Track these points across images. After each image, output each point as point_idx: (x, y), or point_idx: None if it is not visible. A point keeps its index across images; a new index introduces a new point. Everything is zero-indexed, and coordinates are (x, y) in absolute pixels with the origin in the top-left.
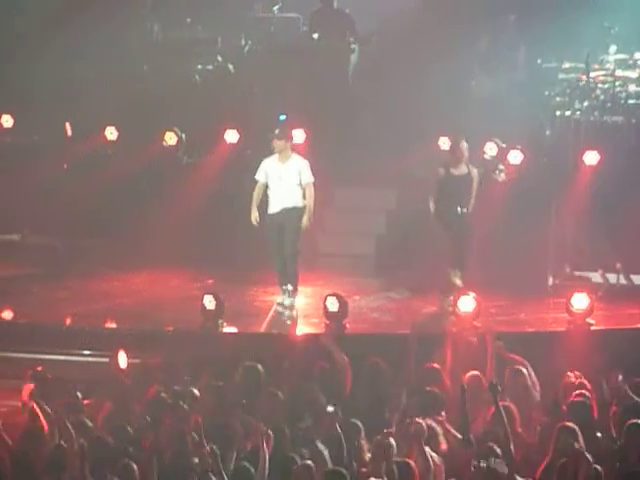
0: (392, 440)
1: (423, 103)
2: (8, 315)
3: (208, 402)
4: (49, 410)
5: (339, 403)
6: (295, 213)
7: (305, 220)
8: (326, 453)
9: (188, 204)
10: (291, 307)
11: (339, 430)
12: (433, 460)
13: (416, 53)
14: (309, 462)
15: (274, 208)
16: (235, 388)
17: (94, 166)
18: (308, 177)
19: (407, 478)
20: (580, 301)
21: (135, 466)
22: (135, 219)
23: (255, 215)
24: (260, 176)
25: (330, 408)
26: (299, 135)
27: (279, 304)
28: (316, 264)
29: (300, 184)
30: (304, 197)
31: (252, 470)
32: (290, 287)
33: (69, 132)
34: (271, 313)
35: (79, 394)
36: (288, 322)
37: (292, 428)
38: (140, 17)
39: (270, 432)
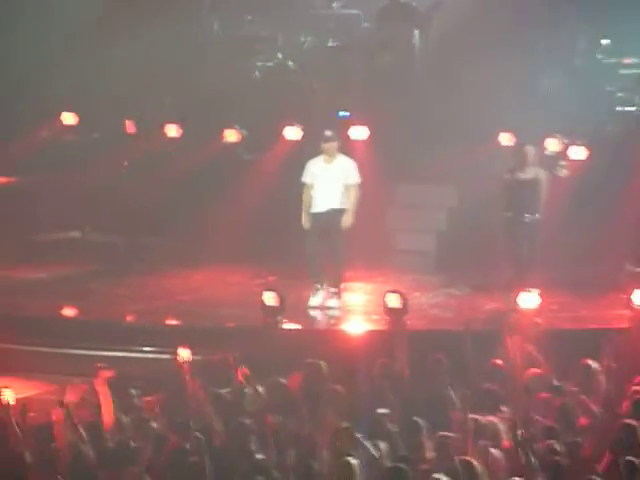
0: (454, 437)
1: (484, 99)
2: (69, 312)
3: (271, 399)
4: (110, 406)
5: (400, 400)
6: (341, 214)
7: (346, 220)
8: (385, 451)
9: (248, 201)
10: (337, 308)
11: (396, 429)
12: (494, 457)
13: (478, 49)
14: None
15: (319, 207)
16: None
17: (155, 163)
18: (355, 178)
19: (469, 475)
20: None
21: (202, 464)
22: (196, 216)
23: (307, 219)
24: (307, 178)
25: (382, 410)
26: (362, 132)
27: (311, 307)
28: (376, 260)
29: (346, 184)
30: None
31: (315, 467)
32: (336, 289)
33: (130, 129)
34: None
35: (137, 391)
36: (348, 319)
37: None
38: (200, 15)
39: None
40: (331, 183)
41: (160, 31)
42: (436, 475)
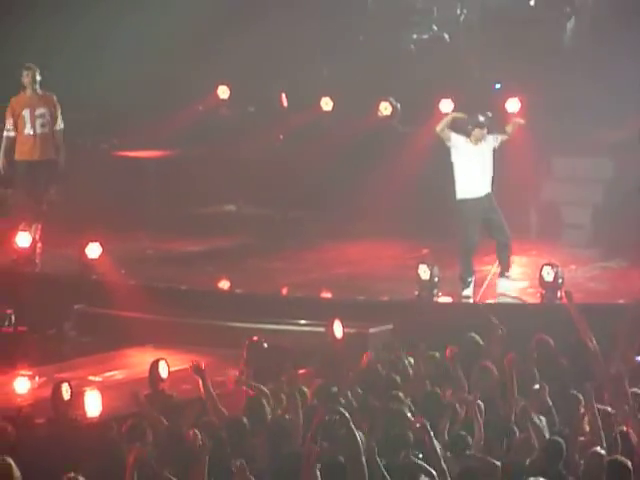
0: (611, 410)
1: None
2: (225, 285)
3: (424, 373)
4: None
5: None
6: (493, 197)
7: None
8: (543, 424)
9: (403, 174)
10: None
11: (549, 403)
12: None
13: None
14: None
15: (477, 192)
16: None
17: (309, 137)
18: None
19: (628, 448)
20: None
21: (353, 436)
22: (350, 189)
23: None
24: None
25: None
26: (516, 104)
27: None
28: (531, 234)
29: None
30: None
31: (469, 439)
32: (509, 272)
33: (285, 103)
34: (486, 283)
35: (290, 363)
36: (503, 292)
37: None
38: None
39: (481, 403)
40: (485, 166)
41: (315, 3)
42: (596, 449)
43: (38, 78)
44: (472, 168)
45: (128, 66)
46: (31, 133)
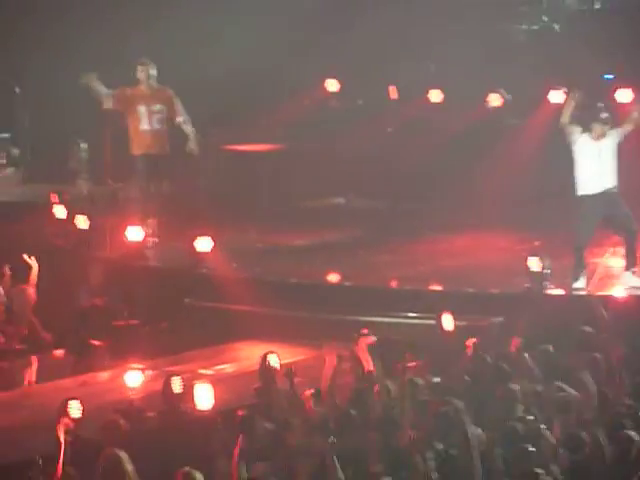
0: None
1: None
2: (334, 278)
3: (537, 367)
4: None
5: None
6: (618, 193)
7: None
8: None
9: (513, 165)
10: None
11: None
12: None
13: None
14: None
15: (597, 188)
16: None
17: (418, 129)
18: None
19: None
20: None
21: (464, 430)
22: (459, 181)
23: None
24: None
25: None
26: (627, 95)
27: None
28: None
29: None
30: None
31: (584, 436)
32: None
33: (394, 95)
34: (596, 276)
35: (399, 356)
36: (613, 285)
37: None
38: None
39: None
40: (605, 162)
41: None
42: None
43: (153, 73)
44: (591, 164)
45: (238, 59)
46: (147, 129)
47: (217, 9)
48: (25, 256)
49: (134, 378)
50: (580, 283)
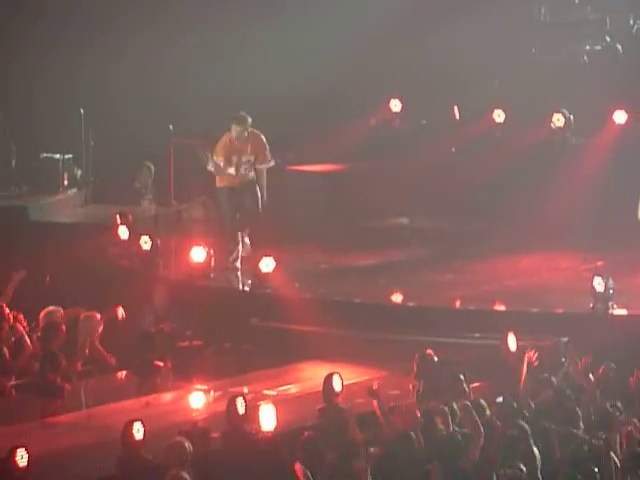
0: None
1: None
2: (397, 298)
3: (603, 387)
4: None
5: None
6: None
7: None
8: None
9: (577, 185)
10: None
11: None
12: None
13: None
14: None
15: None
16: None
17: (482, 149)
18: None
19: None
20: None
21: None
22: (523, 201)
23: None
24: None
25: None
26: None
27: None
28: None
29: None
30: None
31: None
32: None
33: (457, 115)
34: None
35: (463, 376)
36: None
37: None
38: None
39: None
40: None
41: (488, 16)
42: None
43: (249, 128)
44: None
45: (303, 80)
46: (233, 174)
47: (282, 31)
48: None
49: (198, 399)
50: None
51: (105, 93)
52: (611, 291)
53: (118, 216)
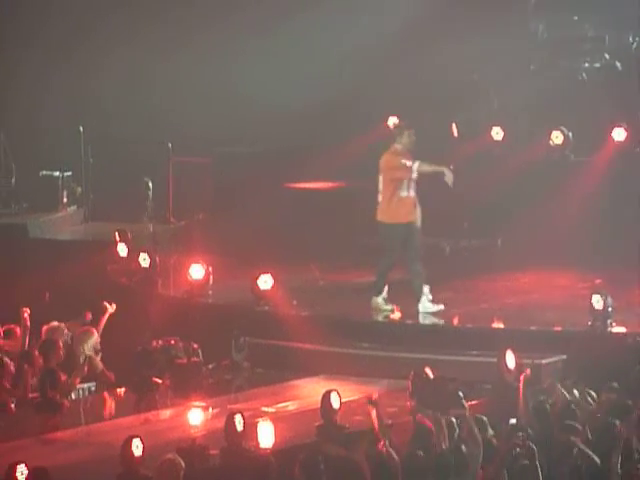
0: None
1: None
2: (396, 315)
3: (603, 404)
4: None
5: None
6: None
7: None
8: None
9: (575, 203)
10: None
11: None
12: None
13: None
14: None
15: None
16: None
17: (480, 166)
18: None
19: None
20: None
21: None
22: (522, 218)
23: None
24: None
25: None
26: None
27: None
28: None
29: None
30: None
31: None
32: None
33: (456, 132)
34: None
35: (461, 394)
36: None
37: None
38: (525, 17)
39: None
40: None
41: (486, 35)
42: None
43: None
44: None
45: (304, 99)
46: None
47: (282, 47)
48: (106, 303)
49: (196, 416)
50: None
51: (104, 111)
52: (610, 309)
53: (117, 233)
